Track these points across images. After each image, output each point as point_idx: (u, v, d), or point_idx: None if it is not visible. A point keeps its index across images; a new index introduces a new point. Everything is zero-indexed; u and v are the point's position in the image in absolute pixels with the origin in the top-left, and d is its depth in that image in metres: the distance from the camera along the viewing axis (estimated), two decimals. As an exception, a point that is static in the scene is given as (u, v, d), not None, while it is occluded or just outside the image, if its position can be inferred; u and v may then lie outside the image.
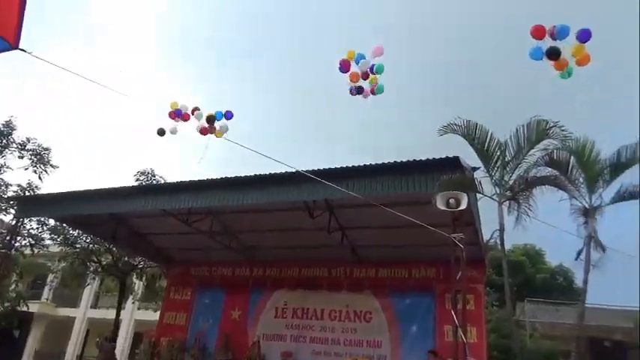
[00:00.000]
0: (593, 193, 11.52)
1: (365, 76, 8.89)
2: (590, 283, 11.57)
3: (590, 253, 11.29)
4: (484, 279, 16.46)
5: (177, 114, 10.09)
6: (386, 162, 11.35)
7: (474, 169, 13.02)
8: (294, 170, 10.32)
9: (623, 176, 11.72)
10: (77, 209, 15.83)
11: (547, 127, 10.91)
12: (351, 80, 9.02)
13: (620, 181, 11.65)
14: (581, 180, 11.44)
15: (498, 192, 11.72)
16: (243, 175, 13.06)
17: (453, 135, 11.88)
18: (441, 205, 10.38)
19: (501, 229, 11.48)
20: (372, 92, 9.03)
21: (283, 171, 11.53)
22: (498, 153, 11.72)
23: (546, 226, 12.19)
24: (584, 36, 6.71)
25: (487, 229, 14.24)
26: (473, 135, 11.56)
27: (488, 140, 11.57)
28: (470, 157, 12.63)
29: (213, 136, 9.54)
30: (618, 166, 11.24)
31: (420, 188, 11.58)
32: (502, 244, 12.07)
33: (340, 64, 8.84)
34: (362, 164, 11.47)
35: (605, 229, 11.94)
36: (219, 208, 15.20)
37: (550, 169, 11.50)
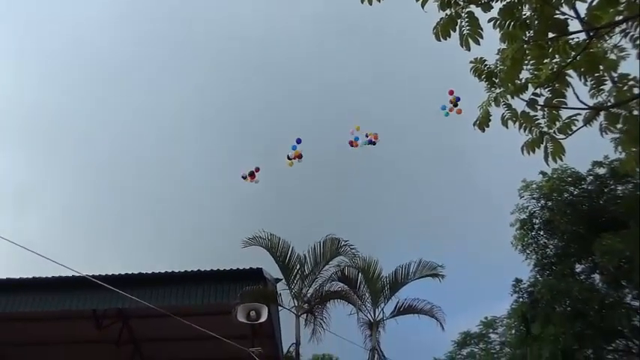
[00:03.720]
0: (376, 307, 12.85)
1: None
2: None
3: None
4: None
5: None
6: (188, 270, 11.02)
7: (277, 280, 13.47)
8: (80, 275, 9.22)
9: (401, 291, 13.47)
10: None
11: (339, 245, 12.17)
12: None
13: (398, 297, 13.27)
14: (367, 295, 12.74)
15: (297, 304, 12.21)
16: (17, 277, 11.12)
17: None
18: (241, 318, 10.31)
19: (297, 343, 11.81)
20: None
21: (70, 275, 10.21)
22: (298, 267, 12.43)
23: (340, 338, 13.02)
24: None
25: (287, 341, 14.46)
26: (276, 248, 12.16)
27: (289, 254, 12.27)
28: (272, 268, 13.13)
29: None
30: (396, 284, 12.90)
31: (222, 298, 11.41)
32: (297, 357, 12.32)
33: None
34: (162, 271, 10.90)
35: (387, 340, 13.25)
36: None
37: (342, 284, 12.60)
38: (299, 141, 12.43)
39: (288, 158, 12.29)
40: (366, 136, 12.53)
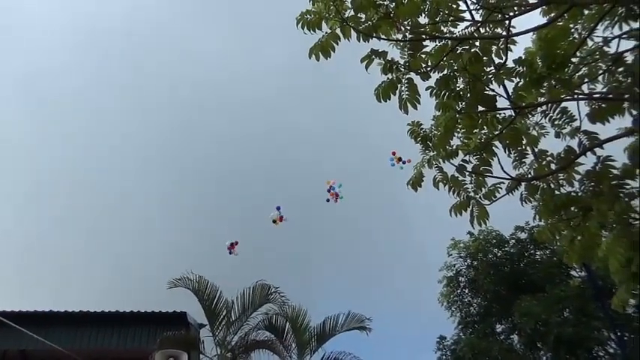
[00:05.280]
0: (302, 359, 12.49)
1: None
2: None
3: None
4: None
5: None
6: (105, 310, 10.29)
7: (201, 325, 12.86)
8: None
9: (329, 342, 13.24)
10: None
11: (269, 291, 11.90)
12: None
13: (324, 349, 13.01)
14: (293, 346, 12.40)
15: (220, 353, 11.67)
16: None
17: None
18: (158, 365, 9.67)
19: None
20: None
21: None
22: (225, 312, 11.98)
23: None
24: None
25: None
26: (203, 292, 11.70)
27: (217, 298, 11.83)
28: (198, 313, 12.55)
29: None
30: (323, 335, 12.68)
31: (140, 343, 10.70)
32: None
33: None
34: (75, 310, 10.10)
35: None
36: None
37: (268, 333, 12.23)
38: (278, 208, 13.42)
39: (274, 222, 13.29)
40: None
